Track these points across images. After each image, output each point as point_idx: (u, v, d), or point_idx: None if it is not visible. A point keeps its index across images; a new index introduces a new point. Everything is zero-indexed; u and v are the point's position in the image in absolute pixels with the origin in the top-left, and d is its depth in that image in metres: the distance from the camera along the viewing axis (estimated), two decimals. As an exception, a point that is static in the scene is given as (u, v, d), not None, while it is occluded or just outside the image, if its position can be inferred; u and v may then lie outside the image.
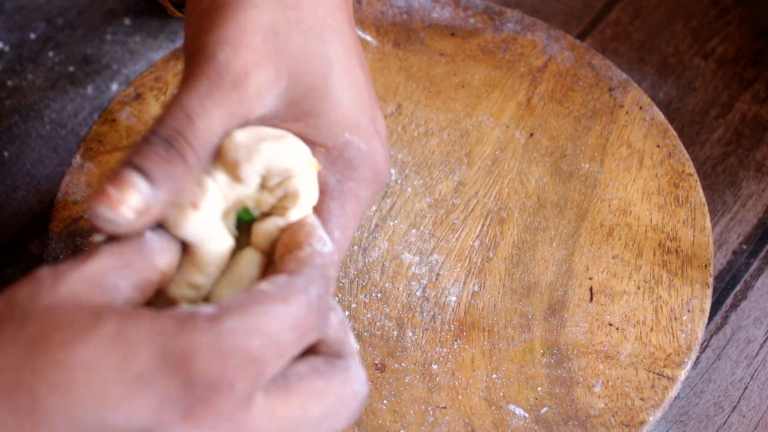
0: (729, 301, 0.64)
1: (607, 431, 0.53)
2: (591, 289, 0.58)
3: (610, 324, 0.56)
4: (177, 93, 0.40)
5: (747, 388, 0.60)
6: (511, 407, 0.54)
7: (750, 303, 0.64)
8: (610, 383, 0.54)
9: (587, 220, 0.61)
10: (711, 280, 0.58)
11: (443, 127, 0.65)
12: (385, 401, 0.54)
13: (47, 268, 0.36)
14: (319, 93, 0.43)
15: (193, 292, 0.41)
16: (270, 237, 0.42)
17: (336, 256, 0.41)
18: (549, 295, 0.58)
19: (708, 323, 0.62)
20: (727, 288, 0.64)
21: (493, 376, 0.54)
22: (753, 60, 0.75)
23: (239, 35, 0.41)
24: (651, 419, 0.53)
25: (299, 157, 0.42)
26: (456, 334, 0.56)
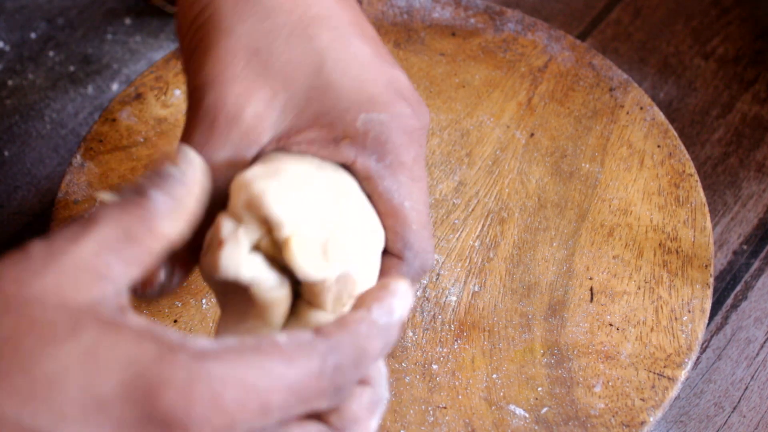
0: (729, 302, 0.64)
1: (608, 431, 0.53)
2: (591, 289, 0.58)
3: (610, 324, 0.56)
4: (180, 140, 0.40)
5: (747, 388, 0.60)
6: (512, 407, 0.54)
7: (750, 303, 0.64)
8: (610, 383, 0.54)
9: (588, 220, 0.61)
10: (711, 280, 0.58)
11: (444, 127, 0.65)
12: (386, 401, 0.54)
13: (41, 243, 0.34)
14: (319, 90, 0.42)
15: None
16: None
17: (395, 330, 0.36)
18: (549, 295, 0.58)
19: (708, 323, 0.62)
20: (728, 288, 0.64)
21: (494, 376, 0.54)
22: (753, 60, 0.75)
23: (221, 70, 0.41)
24: (651, 419, 0.53)
25: (278, 212, 0.39)
26: (456, 334, 0.56)
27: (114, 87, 0.75)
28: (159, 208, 0.35)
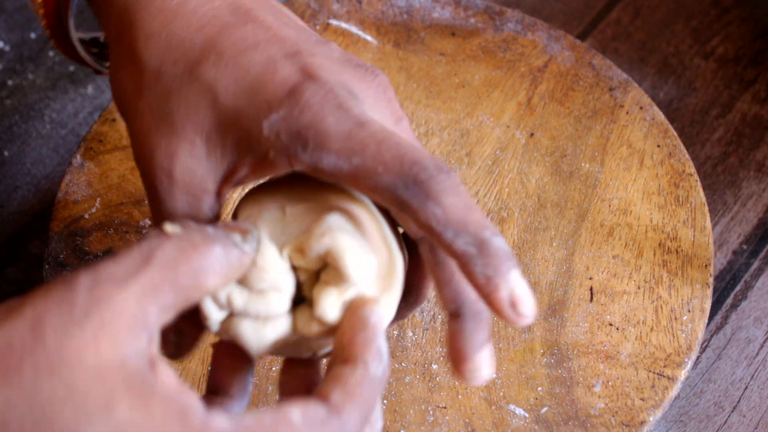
0: (729, 301, 0.64)
1: (608, 431, 0.53)
2: (591, 289, 0.58)
3: (610, 324, 0.56)
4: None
5: (747, 388, 0.60)
6: (512, 407, 0.54)
7: (750, 303, 0.64)
8: (610, 383, 0.54)
9: (587, 219, 0.61)
10: (711, 280, 0.58)
11: (443, 127, 0.65)
12: (385, 401, 0.54)
13: (87, 279, 0.34)
14: (224, 122, 0.40)
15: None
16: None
17: (388, 370, 0.37)
18: (549, 295, 0.58)
19: (708, 323, 0.62)
20: (728, 288, 0.64)
21: (494, 375, 0.54)
22: (753, 60, 0.75)
23: (142, 134, 0.41)
24: (651, 419, 0.53)
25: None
26: (456, 333, 0.56)
27: (114, 87, 0.75)
28: (215, 263, 0.35)
